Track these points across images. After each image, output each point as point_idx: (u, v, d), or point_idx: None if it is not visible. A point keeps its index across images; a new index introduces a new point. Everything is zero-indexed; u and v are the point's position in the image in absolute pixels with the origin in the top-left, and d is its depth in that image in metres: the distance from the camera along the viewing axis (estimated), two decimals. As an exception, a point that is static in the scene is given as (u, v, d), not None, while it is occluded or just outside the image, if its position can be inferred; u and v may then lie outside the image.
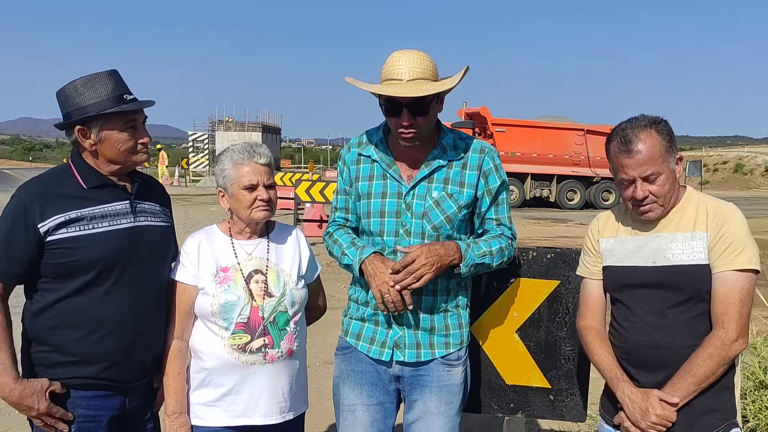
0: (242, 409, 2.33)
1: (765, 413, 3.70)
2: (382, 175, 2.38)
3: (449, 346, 2.38)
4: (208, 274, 2.33)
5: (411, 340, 2.34)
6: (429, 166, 2.34)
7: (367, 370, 2.41)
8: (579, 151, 26.29)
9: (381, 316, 2.36)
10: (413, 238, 2.31)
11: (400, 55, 2.25)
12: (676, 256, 2.14)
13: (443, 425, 2.38)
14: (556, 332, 2.61)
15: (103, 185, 2.26)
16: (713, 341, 2.07)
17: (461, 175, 2.36)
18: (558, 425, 4.53)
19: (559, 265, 2.59)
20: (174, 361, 2.35)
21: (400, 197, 2.34)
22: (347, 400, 2.44)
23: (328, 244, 2.49)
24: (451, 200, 2.33)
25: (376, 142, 2.43)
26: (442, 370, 2.38)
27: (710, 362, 2.05)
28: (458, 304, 2.41)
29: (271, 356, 2.32)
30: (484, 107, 26.16)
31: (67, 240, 2.14)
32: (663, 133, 2.13)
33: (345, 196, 2.50)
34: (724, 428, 2.11)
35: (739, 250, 2.08)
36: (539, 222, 20.28)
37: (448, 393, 2.39)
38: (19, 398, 2.12)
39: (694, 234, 2.14)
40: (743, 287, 2.08)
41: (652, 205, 2.15)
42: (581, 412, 2.66)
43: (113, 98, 2.19)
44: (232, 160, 2.35)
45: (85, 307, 2.18)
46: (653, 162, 2.10)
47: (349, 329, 2.46)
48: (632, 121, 2.16)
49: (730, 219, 2.12)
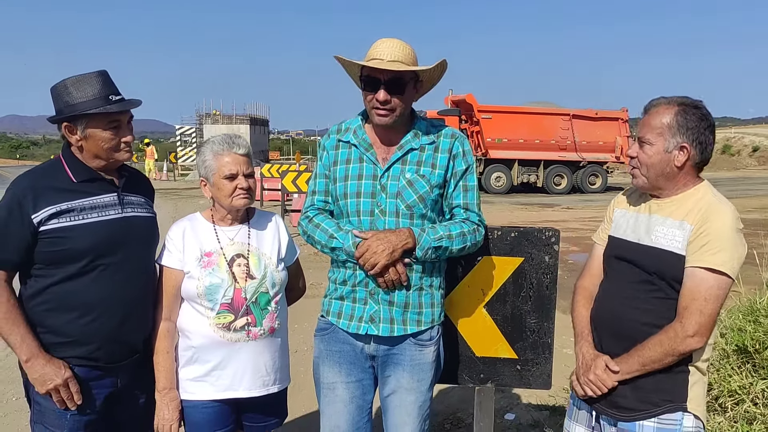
0: (228, 383, 2.49)
1: (728, 382, 3.91)
2: (359, 158, 2.50)
3: (421, 324, 2.50)
4: (193, 258, 2.48)
5: (386, 315, 2.46)
6: (402, 148, 2.47)
7: (345, 349, 2.54)
8: (565, 135, 26.46)
9: (359, 293, 2.48)
10: (388, 217, 2.43)
11: (383, 41, 2.41)
12: (658, 239, 2.21)
13: (415, 400, 2.52)
14: (521, 306, 2.78)
15: (92, 179, 2.40)
16: (668, 331, 2.13)
17: (433, 158, 2.48)
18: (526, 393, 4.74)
19: (523, 243, 2.76)
20: (163, 341, 2.51)
21: (376, 179, 2.46)
22: (327, 378, 2.57)
23: (308, 228, 2.54)
24: (424, 180, 2.45)
25: (354, 128, 2.55)
26: (415, 349, 2.51)
27: (659, 349, 2.13)
28: (432, 284, 2.53)
29: (254, 334, 2.48)
30: (470, 94, 26.23)
31: (59, 230, 2.29)
32: (681, 114, 2.17)
33: (325, 179, 2.58)
34: (666, 408, 2.19)
35: (716, 250, 2.09)
36: (526, 207, 20.47)
37: (420, 371, 2.52)
38: (42, 368, 2.28)
39: (682, 223, 2.17)
40: (710, 287, 2.09)
41: (635, 170, 2.26)
42: (546, 380, 2.84)
43: (99, 98, 2.33)
44: (212, 152, 2.49)
45: (75, 292, 2.33)
46: (650, 128, 2.21)
47: (330, 308, 2.57)
48: (672, 96, 2.25)
49: (716, 217, 2.12)
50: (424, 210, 2.46)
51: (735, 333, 4.14)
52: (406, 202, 2.44)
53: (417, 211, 2.45)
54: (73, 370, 2.34)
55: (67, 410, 2.35)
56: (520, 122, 26.12)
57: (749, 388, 3.78)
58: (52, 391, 2.30)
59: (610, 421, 2.31)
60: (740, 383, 3.83)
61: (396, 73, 2.35)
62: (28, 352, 2.28)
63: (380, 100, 2.37)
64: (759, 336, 3.95)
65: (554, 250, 2.74)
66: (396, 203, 2.44)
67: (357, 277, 2.47)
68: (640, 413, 2.22)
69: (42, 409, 2.38)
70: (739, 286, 4.72)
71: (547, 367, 2.82)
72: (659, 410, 2.20)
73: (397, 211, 2.44)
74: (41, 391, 2.31)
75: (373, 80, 2.37)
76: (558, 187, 27.05)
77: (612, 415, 2.28)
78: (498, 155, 26.36)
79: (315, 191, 2.61)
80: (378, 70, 2.35)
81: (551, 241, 2.74)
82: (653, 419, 2.20)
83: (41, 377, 2.29)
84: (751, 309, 4.34)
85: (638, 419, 2.22)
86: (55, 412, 2.35)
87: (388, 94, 2.37)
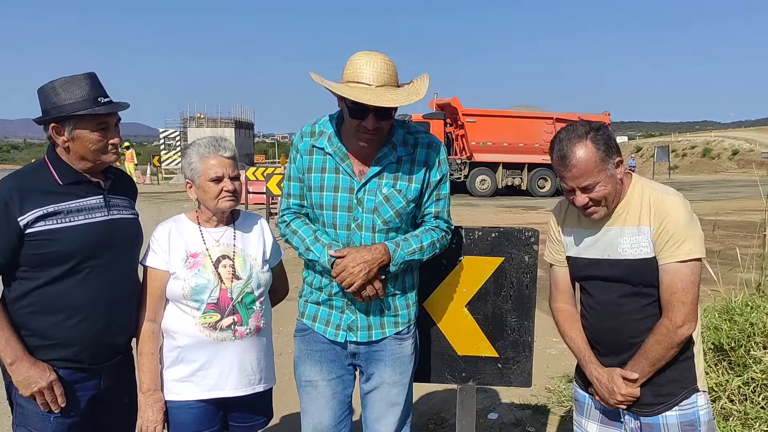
0: (214, 383, 2.52)
1: (707, 376, 4.00)
2: (334, 168, 2.46)
3: (398, 325, 2.56)
4: (179, 259, 2.51)
5: (363, 323, 2.50)
6: (380, 163, 2.44)
7: (325, 348, 2.57)
8: (549, 139, 26.47)
9: (335, 301, 2.51)
10: (364, 231, 2.44)
11: (365, 59, 2.30)
12: (626, 251, 2.29)
13: (398, 392, 2.59)
14: (502, 305, 2.84)
15: (78, 181, 2.40)
16: (660, 329, 2.25)
17: (410, 171, 2.47)
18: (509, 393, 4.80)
19: (503, 243, 2.81)
20: (148, 342, 2.52)
21: (352, 192, 2.43)
22: (308, 376, 2.59)
23: (285, 233, 2.56)
24: (400, 195, 2.45)
25: (329, 135, 2.47)
26: (395, 344, 2.56)
27: (659, 347, 2.25)
28: (405, 286, 2.57)
29: (240, 333, 2.52)
30: (455, 98, 26.41)
31: (45, 232, 2.29)
32: (599, 143, 2.20)
33: (299, 183, 2.55)
34: (684, 395, 2.31)
35: (680, 242, 2.20)
36: (510, 210, 20.61)
37: (401, 364, 2.59)
38: (27, 371, 2.28)
39: (639, 228, 2.27)
40: (685, 276, 2.21)
41: (595, 208, 2.29)
42: (527, 378, 2.89)
43: (88, 100, 2.33)
44: (198, 154, 2.52)
45: (61, 295, 2.33)
46: (588, 174, 2.21)
47: (306, 311, 2.59)
48: (570, 131, 2.25)
49: (670, 212, 2.22)
50: (399, 224, 2.49)
51: (711, 331, 4.23)
52: (383, 217, 2.45)
53: (393, 226, 2.48)
54: (57, 373, 2.34)
55: (50, 413, 2.34)
56: (504, 126, 26.34)
57: (725, 385, 3.86)
58: (37, 394, 2.30)
59: (632, 415, 2.40)
60: (717, 380, 3.91)
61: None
62: (13, 355, 2.28)
63: (370, 128, 2.33)
64: (734, 334, 4.04)
65: (534, 249, 2.80)
66: (373, 218, 2.44)
67: (333, 288, 2.50)
68: (661, 406, 2.32)
69: (25, 412, 2.37)
70: (718, 286, 4.82)
71: (527, 365, 2.88)
72: (677, 399, 2.31)
73: (373, 226, 2.45)
74: (25, 394, 2.31)
75: (361, 108, 2.27)
76: (542, 189, 27.27)
77: (635, 412, 2.37)
78: (482, 158, 26.54)
79: (290, 194, 2.60)
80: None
81: (531, 241, 2.80)
82: (675, 408, 2.31)
83: (26, 380, 2.29)
84: (727, 308, 4.44)
85: (661, 412, 2.32)
86: (38, 415, 2.35)
87: (377, 122, 2.32)
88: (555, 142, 2.28)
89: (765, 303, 4.26)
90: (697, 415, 2.31)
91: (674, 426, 2.31)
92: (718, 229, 12.51)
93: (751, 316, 4.10)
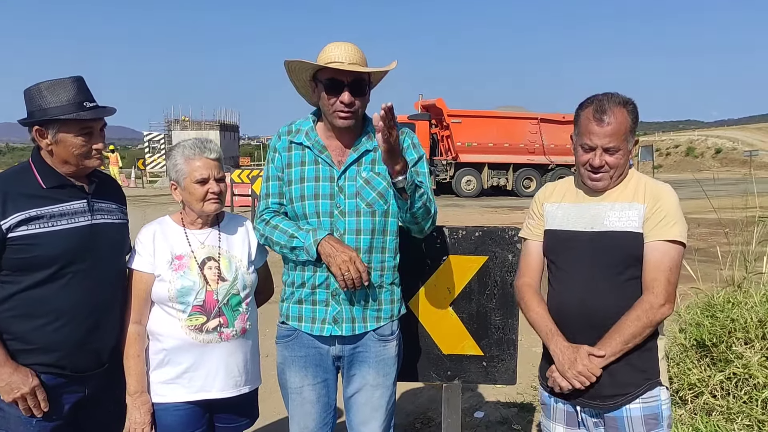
0: (201, 385, 2.52)
1: (687, 375, 4.05)
2: (314, 160, 2.51)
3: (380, 320, 2.55)
4: (164, 262, 2.51)
5: (347, 315, 2.50)
6: (357, 150, 2.51)
7: (310, 353, 2.57)
8: (534, 139, 26.84)
9: (319, 294, 2.51)
10: (348, 217, 2.47)
11: (336, 45, 2.45)
12: (613, 223, 2.31)
13: (382, 395, 2.59)
14: (486, 304, 2.87)
15: (62, 185, 2.39)
16: (642, 305, 2.23)
17: None
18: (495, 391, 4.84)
19: (487, 242, 2.85)
20: (133, 345, 2.52)
21: (333, 180, 2.49)
22: (294, 383, 2.59)
23: (265, 230, 2.55)
24: (380, 177, 2.50)
25: (306, 130, 2.55)
26: (379, 345, 2.57)
27: (638, 323, 2.22)
28: (393, 282, 2.59)
29: (226, 335, 2.52)
30: (440, 99, 26.50)
31: (28, 237, 2.28)
32: (631, 114, 2.30)
33: (278, 182, 2.58)
34: (647, 386, 2.29)
35: (672, 223, 2.26)
36: (496, 210, 20.69)
37: (385, 366, 2.59)
38: (9, 376, 2.26)
39: (631, 204, 2.30)
40: (672, 257, 2.25)
41: (604, 175, 2.32)
42: (512, 376, 2.93)
43: (74, 104, 2.32)
44: (183, 156, 2.52)
45: (44, 299, 2.32)
46: (618, 137, 2.26)
47: (289, 313, 2.58)
48: (608, 95, 2.30)
49: (665, 195, 2.30)
50: (384, 206, 2.51)
51: (693, 328, 4.29)
52: (366, 200, 2.48)
53: (378, 208, 2.50)
54: (39, 378, 2.33)
55: (32, 417, 2.33)
56: (489, 126, 26.46)
57: (708, 381, 3.92)
58: (19, 400, 2.29)
59: (592, 413, 2.36)
60: (699, 376, 3.97)
61: (359, 75, 2.40)
62: None
63: (346, 102, 2.40)
64: (716, 330, 4.10)
65: (517, 248, 2.83)
66: (356, 203, 2.48)
67: (317, 279, 2.50)
68: (624, 397, 2.29)
69: (6, 415, 2.35)
70: (699, 283, 4.88)
71: (512, 363, 2.91)
72: (641, 390, 2.29)
73: (357, 210, 2.48)
74: (7, 399, 2.29)
75: (336, 83, 2.40)
76: (527, 189, 27.39)
77: (596, 406, 2.33)
78: (468, 159, 26.63)
79: (269, 194, 2.62)
80: (341, 72, 2.38)
81: (514, 240, 2.83)
82: (638, 400, 2.29)
83: (8, 385, 2.27)
84: (709, 305, 4.50)
85: (624, 404, 2.29)
86: (19, 419, 2.34)
87: (352, 96, 2.41)
88: (591, 100, 2.32)
89: (746, 299, 4.31)
90: (661, 409, 2.31)
91: (638, 419, 2.29)
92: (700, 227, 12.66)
93: (733, 313, 4.15)
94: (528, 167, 27.24)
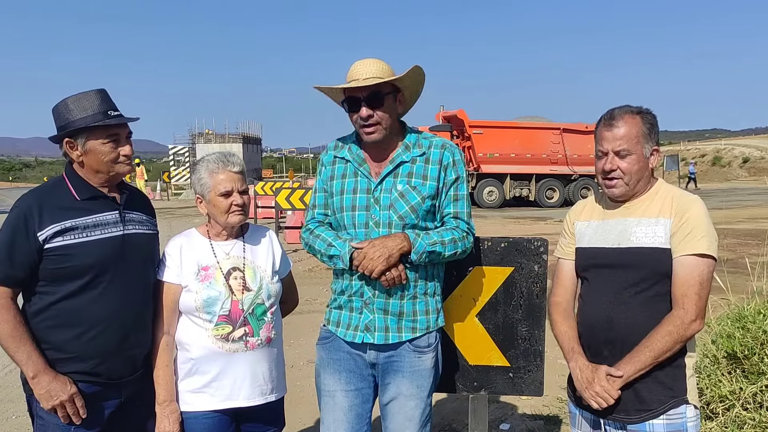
0: (227, 393, 2.54)
1: (718, 387, 3.97)
2: (353, 173, 2.59)
3: (415, 331, 2.55)
4: (191, 273, 2.54)
5: (380, 324, 2.52)
6: (393, 162, 2.56)
7: (344, 358, 2.60)
8: (556, 149, 26.69)
9: (355, 302, 2.55)
10: (381, 228, 2.51)
11: (359, 62, 2.53)
12: (639, 239, 2.30)
13: (415, 406, 2.58)
14: (512, 315, 2.84)
15: (95, 197, 2.46)
16: (673, 320, 2.22)
17: (424, 169, 2.56)
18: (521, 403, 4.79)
19: (513, 253, 2.83)
20: (162, 355, 2.56)
21: (369, 192, 2.55)
22: (327, 386, 2.63)
23: (309, 239, 2.63)
24: (415, 192, 2.53)
25: (349, 145, 2.65)
26: (414, 356, 2.57)
27: (669, 339, 2.21)
28: (427, 292, 2.59)
29: (252, 344, 2.54)
30: (461, 110, 26.50)
31: (63, 247, 2.35)
32: (645, 121, 2.32)
33: (324, 193, 2.68)
34: (672, 404, 2.26)
35: (699, 236, 2.22)
36: (519, 221, 20.58)
37: (419, 377, 2.58)
38: (49, 384, 2.31)
39: (658, 220, 2.29)
40: (702, 271, 2.22)
41: (617, 181, 2.34)
42: (539, 387, 2.89)
43: (98, 113, 2.41)
44: (208, 170, 2.57)
45: (79, 309, 2.38)
46: (627, 139, 2.30)
47: (330, 317, 2.65)
48: (622, 106, 2.38)
49: (692, 208, 2.27)
50: (416, 220, 2.54)
51: (724, 339, 4.20)
52: (398, 213, 2.51)
53: (409, 222, 2.52)
54: (77, 386, 2.38)
55: (70, 424, 2.38)
56: (511, 137, 26.38)
57: (739, 393, 3.84)
58: (58, 407, 2.34)
59: (616, 425, 2.35)
60: (730, 388, 3.89)
61: (372, 88, 2.46)
62: (35, 368, 2.32)
63: (363, 117, 2.48)
64: (747, 342, 4.02)
65: (543, 259, 2.81)
66: (389, 214, 2.52)
67: (353, 287, 2.55)
68: (649, 413, 2.27)
69: (45, 424, 2.41)
70: (729, 295, 4.80)
71: (539, 374, 2.88)
72: (665, 407, 2.27)
73: (390, 222, 2.51)
74: (47, 407, 2.34)
75: (353, 100, 2.50)
76: (550, 200, 27.23)
77: (620, 419, 2.32)
78: (490, 170, 26.55)
79: (315, 205, 2.71)
80: (355, 89, 2.48)
81: (540, 251, 2.81)
82: (662, 416, 2.27)
83: (47, 393, 2.32)
84: (740, 316, 4.41)
85: (647, 419, 2.28)
86: (58, 427, 2.38)
87: (369, 109, 2.47)
88: (606, 112, 2.39)
89: (778, 310, 4.23)
90: (686, 427, 2.27)
91: None
92: (729, 237, 12.46)
93: (764, 324, 4.07)
94: (551, 178, 27.09)
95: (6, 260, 2.32)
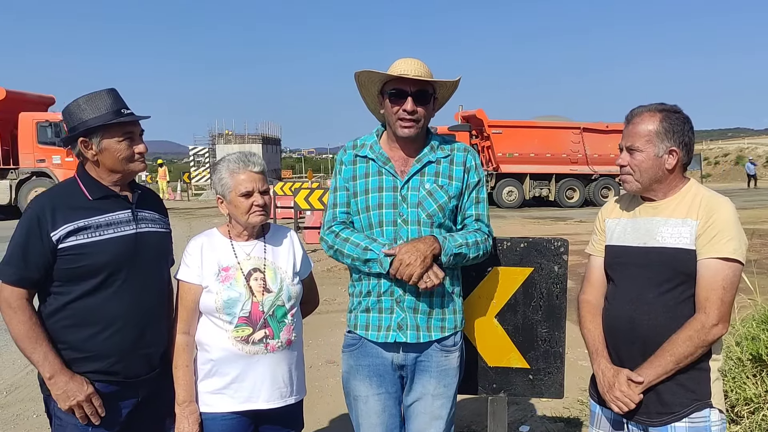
0: (247, 395, 2.54)
1: (743, 390, 3.91)
2: (377, 172, 2.60)
3: (444, 330, 2.58)
4: (211, 273, 2.55)
5: (412, 322, 2.53)
6: (420, 161, 2.59)
7: (374, 363, 2.61)
8: (576, 149, 26.49)
9: (384, 302, 2.55)
10: (410, 225, 2.53)
11: (404, 60, 2.56)
12: (665, 239, 2.28)
13: (442, 405, 2.60)
14: (532, 316, 2.82)
15: (107, 196, 2.49)
16: (694, 324, 2.19)
17: (449, 170, 2.60)
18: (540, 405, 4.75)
19: (532, 254, 2.81)
20: (182, 355, 2.57)
21: (396, 190, 2.56)
22: (359, 392, 2.64)
23: (335, 243, 2.59)
24: (442, 191, 2.56)
25: (370, 144, 2.66)
26: (441, 356, 2.59)
27: (689, 343, 2.19)
28: (453, 292, 2.62)
29: (272, 346, 2.54)
30: (480, 110, 26.41)
31: (77, 247, 2.37)
32: (665, 121, 2.29)
33: (345, 192, 2.66)
34: (695, 407, 2.24)
35: (726, 239, 2.19)
36: (539, 221, 20.45)
37: (446, 376, 2.60)
38: (66, 384, 2.33)
39: (685, 221, 2.26)
40: (726, 275, 2.18)
41: (628, 177, 2.35)
42: (559, 390, 2.87)
43: (112, 112, 2.44)
44: (228, 170, 2.57)
45: (95, 307, 2.40)
46: (638, 137, 2.31)
47: (357, 322, 2.63)
48: (653, 103, 2.37)
49: (720, 209, 2.23)
50: (443, 219, 2.56)
51: (750, 342, 4.14)
52: (427, 211, 2.54)
53: (437, 220, 2.55)
54: (94, 386, 2.39)
55: (88, 425, 2.39)
56: (530, 136, 26.23)
57: (765, 396, 3.78)
58: (75, 407, 2.35)
59: (639, 426, 2.33)
60: (756, 391, 3.83)
61: (422, 84, 2.49)
62: (51, 369, 2.34)
63: (408, 110, 2.49)
64: (773, 344, 3.95)
65: (563, 259, 2.78)
66: (417, 212, 2.54)
67: (382, 287, 2.54)
68: (671, 416, 2.25)
69: (63, 424, 2.42)
70: (755, 296, 4.72)
71: (558, 376, 2.85)
72: (688, 410, 2.24)
73: (418, 219, 2.54)
74: (64, 407, 2.35)
75: (401, 92, 2.50)
76: (570, 200, 27.03)
77: (642, 421, 2.31)
78: (509, 170, 26.42)
79: (336, 204, 2.68)
80: (406, 81, 2.49)
81: (560, 251, 2.78)
82: (684, 420, 2.24)
83: (64, 393, 2.34)
84: (765, 318, 4.34)
85: (670, 422, 2.25)
86: (76, 427, 2.40)
87: (416, 104, 2.49)
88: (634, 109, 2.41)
89: (804, 312, 4.15)
90: (710, 431, 2.24)
91: None
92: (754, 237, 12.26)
93: (790, 326, 4.00)
94: (571, 177, 26.89)
95: (21, 262, 2.34)
